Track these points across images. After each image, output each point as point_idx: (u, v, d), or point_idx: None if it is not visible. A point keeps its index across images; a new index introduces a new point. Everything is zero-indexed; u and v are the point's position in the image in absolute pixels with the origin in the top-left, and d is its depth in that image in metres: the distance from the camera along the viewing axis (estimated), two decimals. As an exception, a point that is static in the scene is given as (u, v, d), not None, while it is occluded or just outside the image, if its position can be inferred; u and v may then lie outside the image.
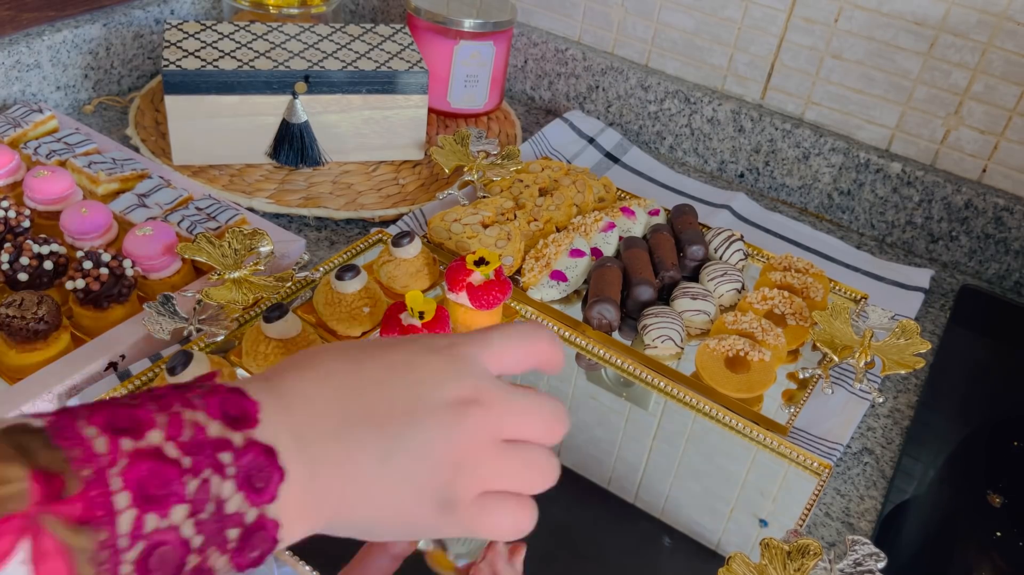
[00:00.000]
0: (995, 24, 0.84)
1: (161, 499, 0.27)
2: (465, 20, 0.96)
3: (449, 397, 0.34)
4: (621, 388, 0.69)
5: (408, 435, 0.33)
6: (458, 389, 0.34)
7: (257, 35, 0.90)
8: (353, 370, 0.34)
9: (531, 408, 0.36)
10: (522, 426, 0.36)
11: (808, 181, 0.98)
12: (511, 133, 1.04)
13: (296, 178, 0.88)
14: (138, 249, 0.68)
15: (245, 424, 0.30)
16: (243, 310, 0.67)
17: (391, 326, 0.63)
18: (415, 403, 0.34)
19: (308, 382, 0.33)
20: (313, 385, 0.33)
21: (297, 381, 0.33)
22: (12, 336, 0.60)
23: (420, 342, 0.36)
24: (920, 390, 0.75)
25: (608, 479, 0.62)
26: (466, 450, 0.34)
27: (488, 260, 0.67)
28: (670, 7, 1.00)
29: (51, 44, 0.91)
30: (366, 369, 0.34)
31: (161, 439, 0.28)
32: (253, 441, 0.30)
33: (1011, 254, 0.90)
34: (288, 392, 0.33)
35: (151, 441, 0.28)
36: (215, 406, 0.30)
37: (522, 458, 0.36)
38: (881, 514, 0.63)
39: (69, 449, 0.26)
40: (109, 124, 0.95)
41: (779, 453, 0.64)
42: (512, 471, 0.35)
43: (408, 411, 0.33)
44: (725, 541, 0.59)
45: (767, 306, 0.74)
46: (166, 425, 0.28)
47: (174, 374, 0.55)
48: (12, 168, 0.76)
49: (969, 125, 0.89)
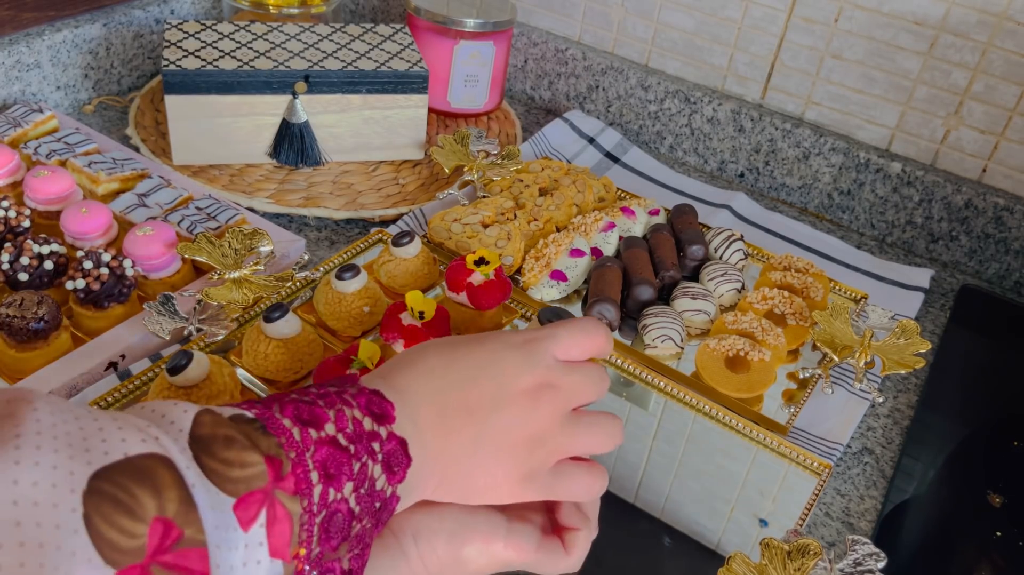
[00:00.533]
0: (995, 24, 0.84)
1: (337, 477, 0.34)
2: (465, 20, 0.96)
3: (525, 385, 0.41)
4: (621, 388, 0.69)
5: (493, 421, 0.40)
6: (533, 377, 0.42)
7: (257, 35, 0.90)
8: (449, 367, 0.41)
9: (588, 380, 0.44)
10: (583, 395, 0.43)
11: (808, 181, 0.98)
12: (511, 133, 1.04)
13: (296, 178, 0.88)
14: (138, 249, 0.68)
15: (386, 420, 0.37)
16: (243, 310, 0.67)
17: (391, 326, 0.63)
18: (499, 392, 0.41)
19: (414, 379, 0.41)
20: (418, 382, 0.40)
21: (407, 379, 0.40)
22: (12, 336, 0.60)
23: (501, 339, 0.43)
24: (920, 390, 0.75)
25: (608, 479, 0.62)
26: (541, 427, 0.41)
27: (488, 260, 0.67)
28: (670, 7, 1.00)
29: (51, 44, 0.91)
30: (459, 365, 0.42)
31: (334, 430, 0.35)
32: (392, 434, 0.37)
33: (1011, 254, 0.90)
34: (406, 390, 0.40)
35: (328, 431, 0.35)
36: (364, 405, 0.37)
37: (588, 425, 0.43)
38: (881, 514, 0.63)
39: (279, 436, 0.33)
40: (109, 124, 0.95)
41: (779, 453, 0.64)
42: (582, 437, 0.43)
43: (493, 400, 0.41)
44: (725, 541, 0.59)
45: (767, 306, 0.74)
46: (335, 419, 0.35)
47: (174, 374, 0.55)
48: (12, 168, 0.76)
49: (969, 125, 0.89)
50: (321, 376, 0.58)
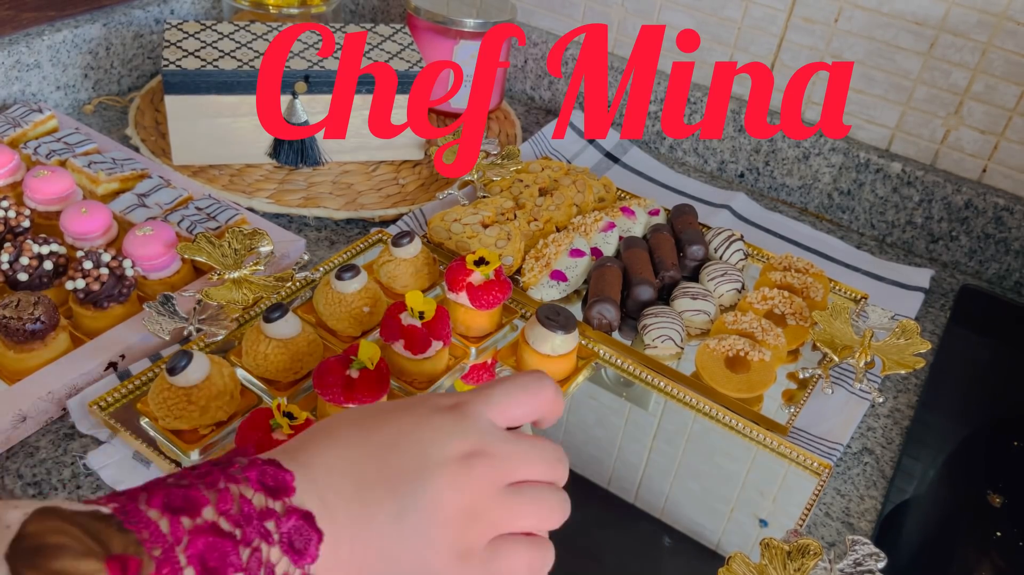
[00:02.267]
0: (995, 24, 0.84)
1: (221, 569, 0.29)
2: (465, 20, 0.96)
3: (455, 453, 0.36)
4: (621, 388, 0.69)
5: (418, 493, 0.35)
6: (463, 444, 0.37)
7: (257, 35, 0.90)
8: (366, 437, 0.37)
9: (533, 452, 0.39)
10: (527, 469, 0.38)
11: (808, 181, 0.98)
12: (511, 133, 1.04)
13: (296, 178, 0.88)
14: (138, 249, 0.68)
15: (284, 493, 0.33)
16: (243, 310, 0.67)
17: (391, 326, 0.63)
18: (424, 462, 0.36)
19: (327, 451, 0.36)
20: (331, 453, 0.36)
21: (317, 451, 0.36)
22: (9, 337, 0.60)
23: (427, 403, 0.38)
24: (920, 390, 0.75)
25: (608, 479, 0.62)
26: (474, 499, 0.36)
27: (488, 260, 0.67)
28: (670, 7, 1.00)
29: (51, 44, 0.91)
30: (379, 434, 0.37)
31: (214, 514, 0.30)
32: (293, 508, 0.32)
33: (1011, 254, 0.90)
34: (311, 462, 0.35)
35: (206, 517, 0.30)
36: (255, 479, 0.32)
37: (530, 497, 0.38)
38: (881, 514, 0.63)
39: (139, 532, 0.29)
40: (109, 124, 0.95)
41: (779, 453, 0.64)
42: (522, 512, 0.38)
43: (418, 470, 0.36)
44: (725, 541, 0.59)
45: (767, 306, 0.74)
46: (216, 501, 0.31)
47: (174, 374, 0.55)
48: (12, 168, 0.76)
49: (969, 125, 0.89)
50: (321, 376, 0.57)
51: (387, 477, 0.35)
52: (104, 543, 0.28)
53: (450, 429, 0.37)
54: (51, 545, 0.27)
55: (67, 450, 0.58)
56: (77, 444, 0.59)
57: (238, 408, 0.59)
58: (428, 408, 0.38)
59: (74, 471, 0.57)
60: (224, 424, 0.58)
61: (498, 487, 0.37)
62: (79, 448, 0.59)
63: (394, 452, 0.36)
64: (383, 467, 0.35)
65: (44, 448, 0.58)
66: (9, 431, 0.57)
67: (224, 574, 0.29)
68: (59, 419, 0.60)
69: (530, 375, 0.40)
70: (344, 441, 0.36)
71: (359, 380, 0.56)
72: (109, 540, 0.28)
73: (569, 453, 0.63)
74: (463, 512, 0.36)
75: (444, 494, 0.36)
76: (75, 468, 0.57)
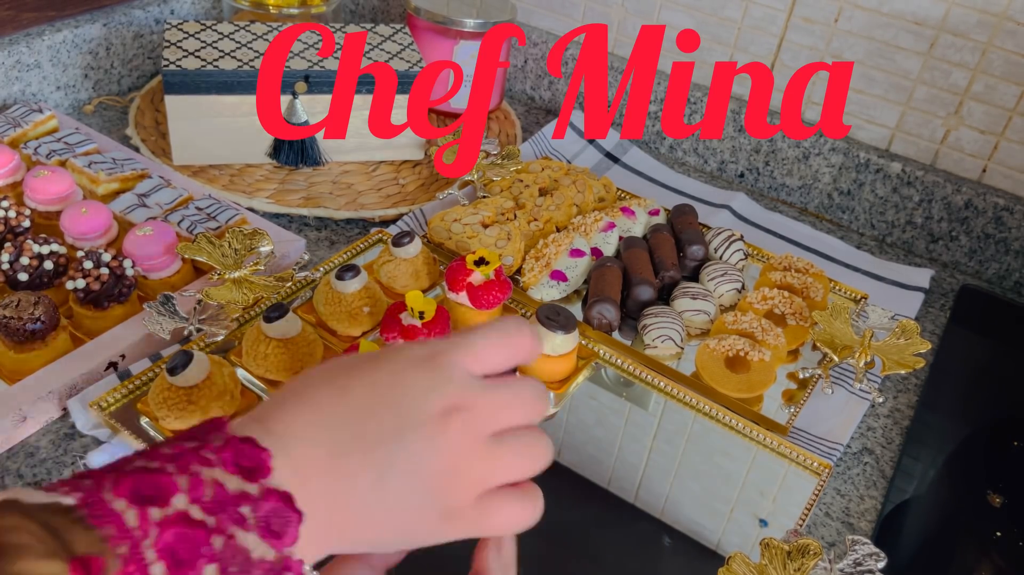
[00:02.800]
0: (995, 24, 0.84)
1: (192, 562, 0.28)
2: (465, 20, 0.96)
3: (433, 409, 0.35)
4: (621, 388, 0.69)
5: (397, 455, 0.34)
6: (441, 398, 0.35)
7: (257, 35, 0.90)
8: (339, 398, 0.35)
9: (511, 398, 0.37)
10: (506, 417, 0.37)
11: (808, 181, 0.98)
12: (511, 133, 1.04)
13: (296, 178, 0.88)
14: (138, 249, 0.68)
15: (260, 474, 0.31)
16: (243, 310, 0.67)
17: (391, 326, 0.63)
18: (400, 422, 0.34)
19: (298, 418, 0.34)
20: (302, 421, 0.34)
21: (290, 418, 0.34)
22: (9, 337, 0.60)
23: (403, 355, 0.37)
24: (920, 390, 0.75)
25: (608, 479, 0.62)
26: (455, 456, 0.35)
27: (488, 260, 0.67)
28: (670, 7, 1.00)
29: (51, 44, 0.91)
30: (352, 394, 0.35)
31: (186, 503, 0.29)
32: (270, 490, 0.31)
33: (1011, 254, 0.90)
34: (284, 434, 0.33)
35: (177, 506, 0.28)
36: (230, 460, 0.31)
37: (511, 447, 0.36)
38: (881, 514, 0.63)
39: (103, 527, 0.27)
40: (109, 124, 0.95)
41: (779, 453, 0.64)
42: (505, 463, 0.36)
43: (394, 431, 0.34)
44: (725, 541, 0.59)
45: (767, 306, 0.74)
46: (188, 487, 0.29)
47: (174, 374, 0.55)
48: (12, 168, 0.76)
49: (969, 125, 0.89)
50: None
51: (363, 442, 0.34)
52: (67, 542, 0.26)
53: (426, 384, 0.35)
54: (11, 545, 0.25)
55: (67, 450, 0.58)
56: (77, 444, 0.59)
57: (238, 408, 0.59)
58: (403, 361, 0.36)
59: (74, 471, 0.57)
60: (224, 424, 0.58)
61: (479, 441, 0.35)
62: (79, 448, 0.59)
63: (369, 414, 0.34)
64: (359, 432, 0.34)
65: (44, 448, 0.58)
66: (9, 431, 0.57)
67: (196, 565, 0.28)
68: (59, 419, 0.60)
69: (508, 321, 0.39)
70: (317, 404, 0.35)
71: (359, 380, 0.56)
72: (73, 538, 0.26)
73: (569, 453, 0.63)
74: (445, 472, 0.35)
75: (423, 455, 0.34)
76: (75, 468, 0.57)
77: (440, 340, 0.38)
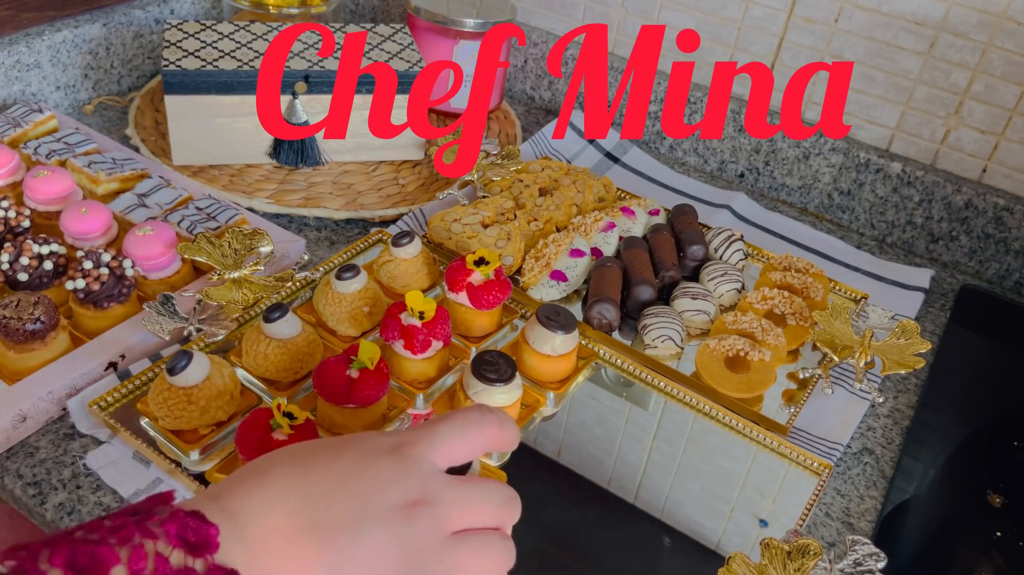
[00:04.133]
0: (995, 24, 0.84)
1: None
2: (465, 20, 0.96)
3: (396, 501, 0.34)
4: (621, 388, 0.69)
5: (357, 546, 0.33)
6: (405, 491, 0.34)
7: (257, 35, 0.90)
8: (301, 481, 0.34)
9: (479, 499, 0.36)
10: (471, 516, 0.36)
11: (808, 181, 0.98)
12: (511, 133, 1.04)
13: (296, 178, 0.88)
14: (138, 249, 0.68)
15: (206, 550, 0.30)
16: (243, 310, 0.67)
17: (391, 326, 0.63)
18: (362, 512, 0.34)
19: (257, 500, 0.33)
20: (262, 503, 0.33)
21: (247, 500, 0.33)
22: (9, 337, 0.60)
23: (369, 443, 0.36)
24: (920, 390, 0.75)
25: (608, 479, 0.62)
26: (416, 552, 0.34)
27: (488, 260, 0.67)
28: (670, 7, 1.00)
29: (51, 44, 0.91)
30: (314, 479, 0.34)
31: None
32: (215, 566, 0.30)
33: (1011, 254, 0.90)
34: (240, 512, 0.32)
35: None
36: (174, 533, 0.29)
37: (474, 547, 0.36)
38: (881, 514, 0.63)
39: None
40: (109, 124, 0.95)
41: (779, 453, 0.64)
42: (465, 564, 0.35)
43: (356, 520, 0.33)
44: (725, 541, 0.59)
45: (767, 306, 0.74)
46: (128, 560, 0.28)
47: (174, 374, 0.55)
48: (12, 168, 0.76)
49: (969, 125, 0.89)
50: (321, 376, 0.57)
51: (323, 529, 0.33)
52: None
53: (390, 475, 0.35)
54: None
55: (67, 450, 0.58)
56: (77, 444, 0.59)
57: (238, 408, 0.59)
58: (369, 450, 0.36)
59: (74, 471, 0.57)
60: (224, 424, 0.58)
61: (440, 537, 0.35)
62: (79, 448, 0.59)
63: (330, 501, 0.34)
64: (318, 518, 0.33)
65: (44, 448, 0.58)
66: (9, 431, 0.57)
67: None
68: (59, 419, 0.60)
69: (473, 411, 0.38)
70: (277, 485, 0.34)
71: (359, 380, 0.56)
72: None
73: (569, 453, 0.63)
74: (403, 566, 0.34)
75: (383, 548, 0.33)
76: (75, 468, 0.57)
77: (407, 431, 0.37)
